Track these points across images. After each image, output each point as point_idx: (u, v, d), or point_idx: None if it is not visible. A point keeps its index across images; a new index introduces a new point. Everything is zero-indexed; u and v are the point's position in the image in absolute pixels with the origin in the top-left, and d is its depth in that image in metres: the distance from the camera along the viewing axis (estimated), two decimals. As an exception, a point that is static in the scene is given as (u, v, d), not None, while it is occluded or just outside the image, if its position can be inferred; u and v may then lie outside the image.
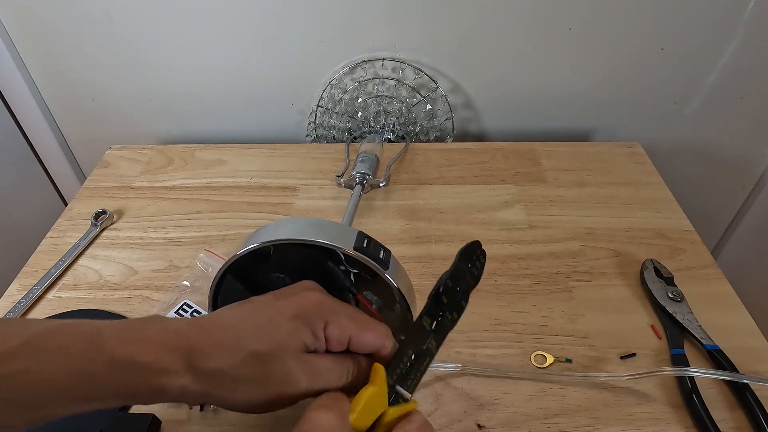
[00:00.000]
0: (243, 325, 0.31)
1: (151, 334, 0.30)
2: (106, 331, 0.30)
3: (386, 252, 0.37)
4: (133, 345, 0.29)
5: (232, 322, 0.32)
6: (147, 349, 0.29)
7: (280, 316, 0.32)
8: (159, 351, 0.30)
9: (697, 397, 0.45)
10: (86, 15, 0.72)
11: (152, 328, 0.31)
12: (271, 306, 0.33)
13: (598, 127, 0.82)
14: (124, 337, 0.30)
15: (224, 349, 0.30)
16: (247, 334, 0.31)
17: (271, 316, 0.32)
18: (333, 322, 0.32)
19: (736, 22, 0.69)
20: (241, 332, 0.31)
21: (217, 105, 0.81)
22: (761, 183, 0.85)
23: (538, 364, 0.49)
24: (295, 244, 0.36)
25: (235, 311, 0.33)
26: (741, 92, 0.76)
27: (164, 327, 0.31)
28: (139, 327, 0.31)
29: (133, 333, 0.30)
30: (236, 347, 0.30)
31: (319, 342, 0.32)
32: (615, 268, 0.58)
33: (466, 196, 0.68)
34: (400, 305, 0.37)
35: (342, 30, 0.73)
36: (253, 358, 0.30)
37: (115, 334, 0.30)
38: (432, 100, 0.77)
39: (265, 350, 0.30)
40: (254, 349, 0.30)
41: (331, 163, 0.74)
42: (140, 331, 0.30)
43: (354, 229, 0.37)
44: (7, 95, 0.80)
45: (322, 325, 0.32)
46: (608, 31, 0.71)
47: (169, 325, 0.31)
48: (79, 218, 0.67)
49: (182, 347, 0.30)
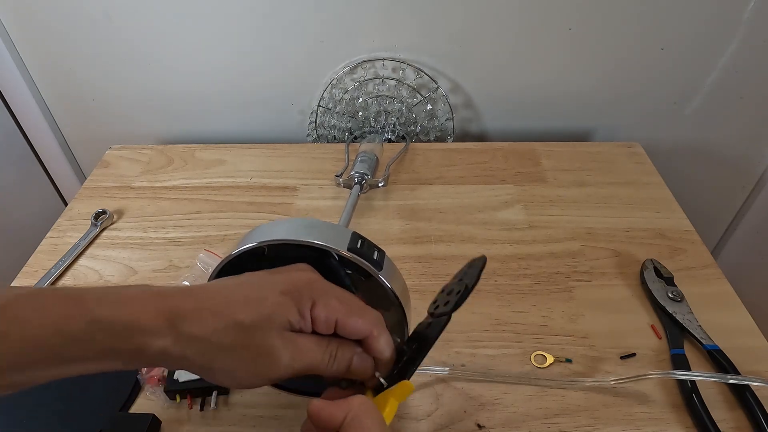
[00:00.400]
0: (231, 294, 0.31)
1: (134, 294, 0.30)
2: (88, 293, 0.30)
3: (380, 253, 0.37)
4: (115, 305, 0.29)
5: (221, 290, 0.32)
6: (129, 309, 0.29)
7: (270, 290, 0.32)
8: (141, 311, 0.29)
9: (697, 397, 0.45)
10: (86, 15, 0.72)
11: (136, 289, 0.31)
12: (262, 279, 0.33)
13: (598, 127, 0.82)
14: (106, 298, 0.30)
15: (209, 315, 0.30)
16: (234, 302, 0.31)
17: (261, 289, 0.32)
18: (321, 303, 0.32)
19: (736, 22, 0.69)
20: (228, 300, 0.31)
21: (217, 105, 0.81)
22: (761, 183, 0.85)
23: (538, 364, 0.49)
24: (289, 245, 0.36)
25: (227, 281, 0.33)
26: (741, 92, 0.76)
27: (148, 289, 0.31)
28: (123, 289, 0.31)
29: (116, 294, 0.30)
30: (221, 314, 0.30)
31: (304, 321, 0.32)
32: (615, 268, 0.58)
33: (466, 196, 0.68)
34: (395, 306, 0.37)
35: (342, 30, 0.73)
36: (237, 327, 0.30)
37: (97, 296, 0.30)
38: (432, 100, 0.77)
39: (249, 321, 0.30)
40: (239, 318, 0.30)
41: (332, 163, 0.74)
42: (123, 293, 0.31)
43: (348, 230, 0.37)
44: (7, 95, 0.80)
45: (309, 305, 0.32)
46: (608, 31, 0.71)
47: (154, 288, 0.31)
48: (79, 218, 0.67)
49: (165, 309, 0.30)
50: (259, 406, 0.46)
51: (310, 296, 0.32)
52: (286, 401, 0.46)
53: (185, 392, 0.46)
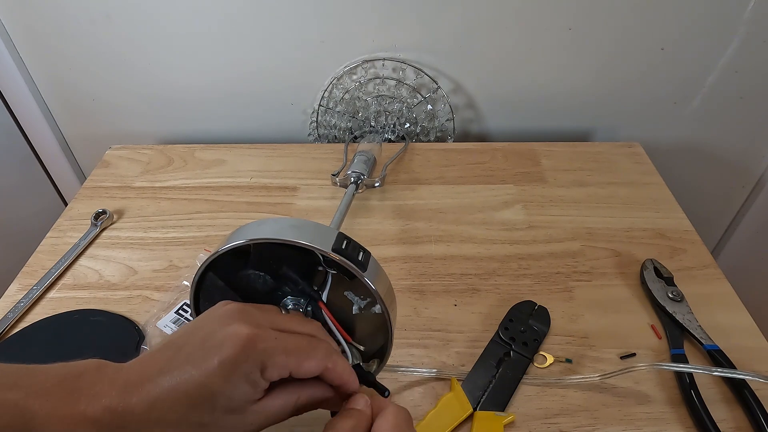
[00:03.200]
0: (175, 394, 0.28)
1: (84, 410, 0.28)
2: (34, 402, 0.28)
3: (365, 254, 0.37)
4: (63, 424, 0.27)
5: (163, 389, 0.28)
6: (79, 430, 0.27)
7: (213, 379, 0.29)
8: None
9: (697, 397, 0.45)
10: (86, 15, 0.72)
11: (83, 399, 0.28)
12: (199, 368, 0.29)
13: (598, 127, 0.82)
14: (54, 415, 0.27)
15: (163, 425, 0.28)
16: (181, 405, 0.28)
17: (203, 383, 0.29)
18: (269, 366, 0.30)
19: (736, 22, 0.69)
20: (174, 403, 0.28)
21: (217, 105, 0.81)
22: (761, 183, 0.85)
23: (539, 365, 0.49)
24: (274, 244, 0.36)
25: (166, 375, 0.29)
26: (741, 92, 0.76)
27: (96, 401, 0.28)
28: (68, 399, 0.28)
29: (63, 409, 0.28)
30: (175, 421, 0.28)
31: (258, 389, 0.30)
32: (615, 268, 0.58)
33: (466, 196, 0.68)
34: (381, 307, 0.37)
35: (343, 30, 0.73)
36: (194, 428, 0.29)
37: (44, 410, 0.27)
38: (432, 101, 0.77)
39: (208, 420, 0.29)
40: (193, 420, 0.29)
41: (331, 163, 0.74)
42: (71, 407, 0.28)
43: (334, 230, 0.37)
44: (7, 95, 0.80)
45: (258, 372, 0.30)
46: (608, 31, 0.71)
47: (100, 399, 0.28)
48: (79, 218, 0.67)
49: (117, 427, 0.28)
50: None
51: (255, 364, 0.29)
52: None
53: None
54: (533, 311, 0.53)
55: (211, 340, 0.30)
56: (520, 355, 0.49)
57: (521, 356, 0.49)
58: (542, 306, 0.53)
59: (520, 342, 0.50)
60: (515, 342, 0.50)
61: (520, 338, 0.50)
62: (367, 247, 0.37)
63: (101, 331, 0.53)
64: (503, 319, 0.52)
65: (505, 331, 0.51)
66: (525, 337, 0.50)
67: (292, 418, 0.34)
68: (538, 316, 0.52)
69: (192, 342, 0.30)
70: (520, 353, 0.49)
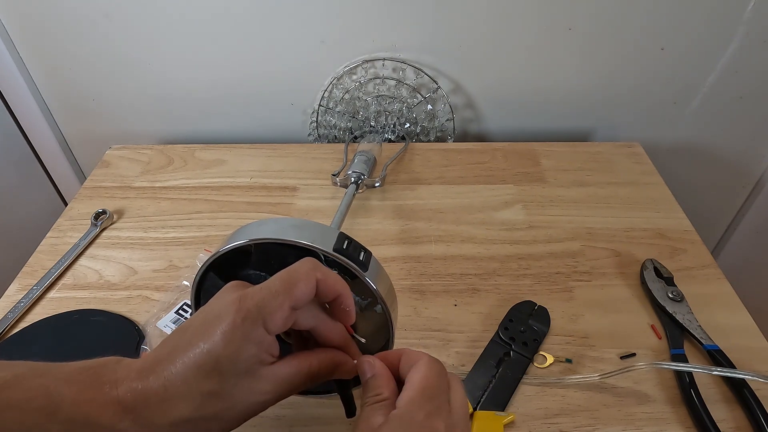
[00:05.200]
0: (185, 368, 0.30)
1: (109, 392, 0.30)
2: (62, 387, 0.30)
3: (367, 254, 0.37)
4: (91, 406, 0.29)
5: (175, 365, 0.30)
6: (106, 411, 0.29)
7: (217, 346, 0.30)
8: (118, 413, 0.29)
9: (697, 397, 0.45)
10: (86, 15, 0.72)
11: (107, 383, 0.30)
12: (204, 340, 0.31)
13: (598, 127, 0.82)
14: (82, 398, 0.30)
15: (179, 399, 0.30)
16: (192, 376, 0.30)
17: (208, 350, 0.30)
18: (267, 316, 0.31)
19: (736, 22, 0.69)
20: (186, 375, 0.30)
21: (217, 105, 0.81)
22: (761, 183, 0.85)
23: (539, 365, 0.49)
24: (276, 244, 0.36)
25: (176, 353, 0.31)
26: (741, 92, 0.76)
27: (118, 384, 0.30)
28: (94, 383, 0.30)
29: (90, 392, 0.30)
30: (189, 393, 0.30)
31: (266, 348, 0.31)
32: (615, 268, 0.58)
33: (466, 196, 0.68)
34: (382, 306, 0.37)
35: (343, 30, 0.73)
36: (209, 397, 0.30)
37: (71, 394, 0.30)
38: (432, 101, 0.77)
39: (216, 388, 0.30)
40: (206, 389, 0.30)
41: (332, 163, 0.74)
42: (97, 389, 0.30)
43: (335, 230, 0.37)
44: (7, 95, 0.80)
45: (260, 329, 0.31)
46: (608, 31, 0.71)
47: (122, 382, 0.30)
48: (79, 218, 0.67)
49: (139, 406, 0.30)
50: (259, 406, 0.46)
51: (253, 320, 0.30)
52: (286, 401, 0.45)
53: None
54: (533, 311, 0.53)
55: (210, 315, 0.32)
56: (520, 355, 0.49)
57: (521, 356, 0.49)
58: (542, 306, 0.53)
59: (520, 342, 0.50)
60: (515, 342, 0.50)
61: (520, 338, 0.50)
62: (367, 247, 0.37)
63: (101, 331, 0.53)
64: (503, 319, 0.52)
65: (505, 331, 0.51)
66: (525, 337, 0.50)
67: (291, 417, 0.34)
68: (538, 316, 0.52)
69: (194, 323, 0.32)
70: (520, 353, 0.49)
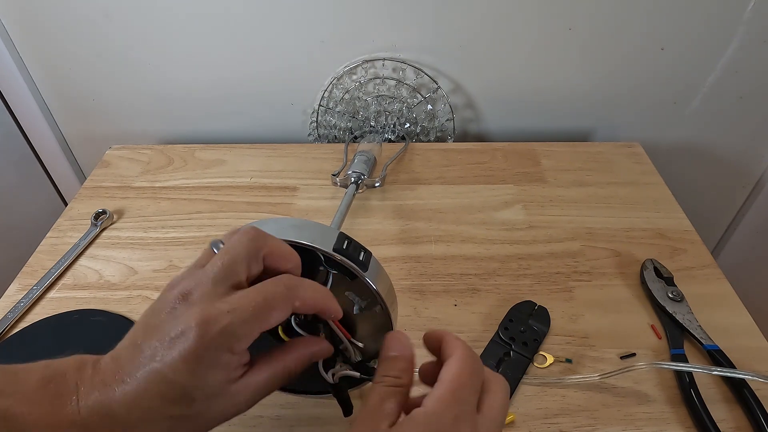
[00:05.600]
0: (149, 394, 0.28)
1: (72, 415, 0.28)
2: (23, 408, 0.27)
3: (367, 254, 0.37)
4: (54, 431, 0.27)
5: (137, 389, 0.28)
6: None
7: (180, 375, 0.28)
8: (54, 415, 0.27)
9: (697, 397, 0.45)
10: (86, 15, 0.72)
11: (69, 403, 0.28)
12: (165, 366, 0.28)
13: (598, 127, 0.82)
14: (44, 423, 0.27)
15: (147, 422, 0.28)
16: (158, 403, 0.28)
17: (172, 380, 0.28)
18: (234, 342, 0.29)
19: (736, 22, 0.69)
20: (152, 402, 0.28)
21: (217, 105, 0.81)
22: (761, 183, 0.85)
23: (539, 365, 0.49)
24: None
25: (136, 375, 0.28)
26: (741, 92, 0.76)
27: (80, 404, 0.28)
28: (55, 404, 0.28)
29: (52, 416, 0.27)
30: (158, 418, 0.28)
31: (233, 369, 0.30)
32: (615, 268, 0.58)
33: (466, 196, 0.68)
34: (380, 307, 0.37)
35: (342, 30, 0.73)
36: (180, 420, 0.29)
37: (33, 418, 0.27)
38: (432, 101, 0.77)
39: (186, 413, 0.29)
40: (176, 414, 0.28)
41: (332, 163, 0.74)
42: (59, 412, 0.28)
43: (335, 230, 0.37)
44: (7, 95, 0.80)
45: (226, 353, 0.29)
46: (608, 31, 0.71)
47: (84, 401, 0.28)
48: (79, 218, 0.67)
49: (105, 426, 0.28)
50: (259, 405, 0.46)
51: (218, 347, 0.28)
52: (286, 401, 0.46)
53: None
54: (533, 311, 0.53)
55: (168, 334, 0.28)
56: (520, 355, 0.49)
57: (521, 356, 0.49)
58: (542, 306, 0.53)
59: (520, 342, 0.50)
60: (515, 342, 0.50)
61: (520, 338, 0.50)
62: (367, 247, 0.37)
63: (101, 331, 0.53)
64: (503, 319, 0.52)
65: (505, 331, 0.51)
66: (525, 337, 0.50)
67: (291, 417, 0.34)
68: (538, 316, 0.52)
69: (150, 340, 0.29)
70: (520, 353, 0.49)
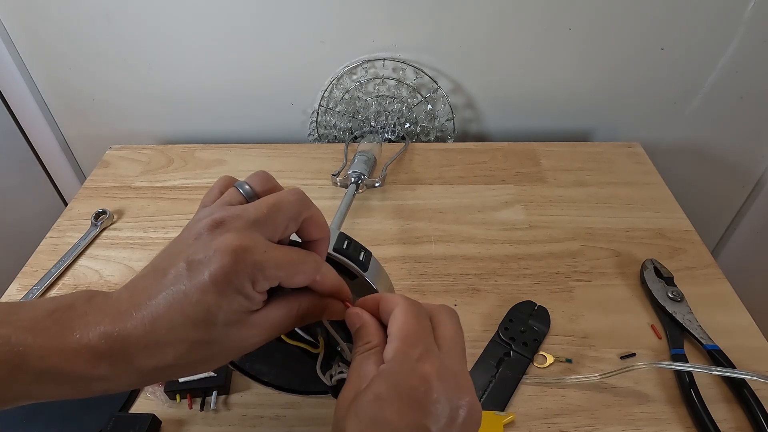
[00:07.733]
0: (171, 315, 0.28)
1: (80, 340, 0.27)
2: (26, 336, 0.27)
3: (367, 254, 0.37)
4: (60, 356, 0.27)
5: (158, 311, 0.28)
6: (78, 360, 0.27)
7: (208, 295, 0.28)
8: (92, 360, 0.27)
9: (697, 397, 0.45)
10: (86, 15, 0.72)
11: (77, 329, 0.27)
12: (192, 286, 0.28)
13: (598, 127, 0.82)
14: (49, 348, 0.27)
15: (164, 345, 0.28)
16: (180, 324, 0.28)
17: (198, 300, 0.28)
18: (260, 279, 0.29)
19: (736, 22, 0.69)
20: (173, 323, 0.28)
21: (217, 105, 0.81)
22: (761, 183, 0.85)
23: (539, 364, 0.49)
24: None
25: (158, 297, 0.28)
26: (741, 92, 0.76)
27: (90, 330, 0.27)
28: (61, 331, 0.27)
29: (57, 341, 0.27)
30: (176, 340, 0.28)
31: (254, 301, 0.29)
32: (615, 268, 0.58)
33: (466, 196, 0.68)
34: None
35: (343, 30, 0.73)
36: (197, 345, 0.29)
37: (37, 345, 0.27)
38: (432, 101, 0.77)
39: (206, 337, 0.28)
40: (195, 338, 0.28)
41: (331, 163, 0.74)
42: (65, 338, 0.27)
43: (335, 230, 0.37)
44: (7, 95, 0.80)
45: (250, 285, 0.29)
46: (608, 31, 0.71)
47: (95, 327, 0.27)
48: (79, 218, 0.67)
49: (117, 352, 0.27)
50: (259, 406, 0.46)
51: (247, 276, 0.28)
52: (286, 401, 0.46)
53: (185, 392, 0.46)
54: (533, 311, 0.53)
55: (196, 256, 0.28)
56: (520, 355, 0.49)
57: (521, 356, 0.49)
58: (542, 306, 0.53)
59: (520, 342, 0.50)
60: (515, 342, 0.50)
61: (520, 338, 0.50)
62: (367, 247, 0.37)
63: (101, 331, 0.53)
64: (503, 319, 0.52)
65: (505, 331, 0.51)
66: (525, 337, 0.50)
67: (291, 417, 0.34)
68: (538, 316, 0.52)
69: (176, 264, 0.29)
70: (520, 353, 0.49)
